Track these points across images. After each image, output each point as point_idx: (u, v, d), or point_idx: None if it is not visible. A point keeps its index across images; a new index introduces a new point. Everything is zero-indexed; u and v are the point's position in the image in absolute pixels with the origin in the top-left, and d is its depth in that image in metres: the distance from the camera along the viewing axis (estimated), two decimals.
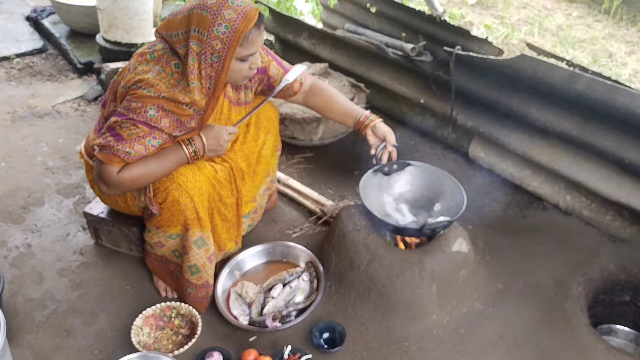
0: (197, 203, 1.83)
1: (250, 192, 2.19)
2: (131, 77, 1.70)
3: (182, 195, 1.80)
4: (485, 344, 1.93)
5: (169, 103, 1.68)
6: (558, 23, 4.69)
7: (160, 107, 1.67)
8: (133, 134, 1.68)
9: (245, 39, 1.66)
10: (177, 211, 1.82)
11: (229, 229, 2.12)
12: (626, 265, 2.17)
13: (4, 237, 2.36)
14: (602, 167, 2.27)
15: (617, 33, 4.49)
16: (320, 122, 2.81)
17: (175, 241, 1.93)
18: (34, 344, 1.93)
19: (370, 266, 2.00)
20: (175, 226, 1.87)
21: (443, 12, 2.93)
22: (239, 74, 1.75)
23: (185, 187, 1.80)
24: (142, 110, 1.66)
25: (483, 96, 2.57)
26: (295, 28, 3.46)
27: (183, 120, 1.73)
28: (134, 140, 1.69)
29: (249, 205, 2.22)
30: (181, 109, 1.70)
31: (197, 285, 1.99)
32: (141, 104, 1.66)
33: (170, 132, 1.73)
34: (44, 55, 3.96)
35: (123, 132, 1.68)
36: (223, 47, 1.64)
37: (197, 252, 1.92)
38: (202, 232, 1.90)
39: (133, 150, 1.69)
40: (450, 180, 2.16)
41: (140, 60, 1.73)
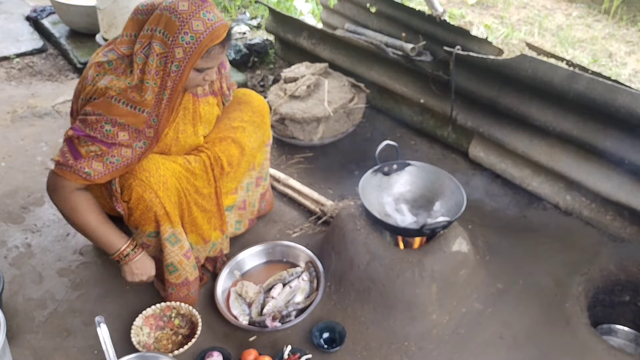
0: (162, 198, 1.80)
1: (231, 183, 2.15)
2: (89, 90, 1.71)
3: (146, 191, 1.77)
4: (485, 344, 1.93)
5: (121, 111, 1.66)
6: (558, 23, 4.69)
7: (114, 122, 1.66)
8: (91, 151, 1.68)
9: (207, 53, 1.66)
10: (145, 208, 1.80)
11: (210, 219, 2.08)
12: (626, 265, 2.17)
13: (4, 237, 2.36)
14: (602, 167, 2.27)
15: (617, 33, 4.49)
16: (320, 122, 2.81)
17: (156, 240, 1.92)
18: (34, 344, 1.93)
19: (370, 266, 2.00)
20: (149, 223, 1.85)
21: (443, 12, 2.93)
22: (192, 82, 1.75)
23: (148, 182, 1.77)
24: (98, 125, 1.66)
25: (483, 96, 2.57)
26: (295, 28, 3.46)
27: (140, 128, 1.71)
28: (92, 158, 1.69)
29: (229, 197, 2.18)
30: (134, 116, 1.68)
31: (176, 284, 1.98)
32: (95, 118, 1.65)
33: (130, 144, 1.71)
34: (43, 55, 3.96)
35: (81, 148, 1.68)
36: (184, 57, 1.64)
37: (171, 249, 1.90)
38: (173, 229, 1.87)
39: (92, 170, 1.69)
40: (450, 180, 2.16)
41: (98, 70, 1.72)
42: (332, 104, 2.81)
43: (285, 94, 2.90)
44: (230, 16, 4.50)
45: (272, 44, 3.83)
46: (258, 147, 2.21)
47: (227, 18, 4.45)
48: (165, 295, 2.04)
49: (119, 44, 1.74)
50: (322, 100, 2.83)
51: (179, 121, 1.88)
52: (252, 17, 4.45)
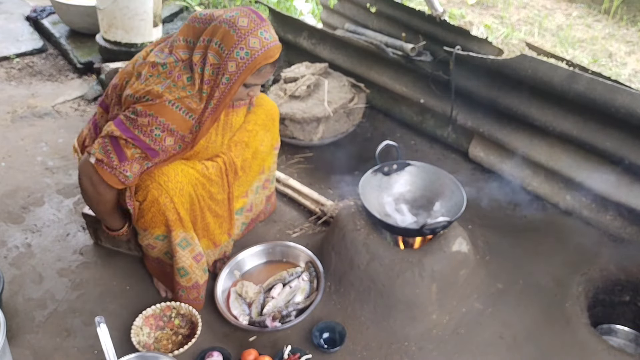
0: (177, 204, 1.81)
1: (242, 187, 2.17)
2: (141, 88, 1.69)
3: (162, 195, 1.78)
4: (485, 344, 1.93)
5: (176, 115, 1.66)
6: (558, 23, 4.69)
7: (165, 128, 1.66)
8: (136, 153, 1.68)
9: (258, 71, 1.68)
10: (158, 211, 1.81)
11: (222, 224, 2.11)
12: (626, 265, 2.17)
13: (4, 237, 2.36)
14: (602, 167, 2.27)
15: (617, 33, 4.49)
16: (320, 122, 2.81)
17: (163, 243, 1.92)
18: (34, 344, 1.93)
19: (370, 266, 2.00)
20: (159, 227, 1.86)
21: (443, 12, 2.93)
22: (237, 96, 1.78)
23: (165, 187, 1.78)
24: (148, 129, 1.65)
25: (483, 96, 2.57)
26: (295, 28, 3.46)
27: (185, 134, 1.72)
28: (135, 160, 1.69)
29: (240, 200, 2.20)
30: (185, 122, 1.69)
31: (187, 287, 1.98)
32: (147, 120, 1.64)
33: (172, 148, 1.72)
34: (44, 55, 3.96)
35: (127, 150, 1.68)
36: (236, 71, 1.65)
37: (182, 254, 1.91)
38: (186, 233, 1.88)
39: (132, 173, 1.70)
40: (450, 180, 2.16)
41: (152, 71, 1.71)
42: (332, 104, 2.81)
43: (285, 94, 2.90)
44: None
45: None
46: (268, 151, 2.23)
47: None
48: (174, 297, 2.04)
49: (177, 49, 1.73)
50: (322, 100, 2.83)
51: (212, 131, 1.89)
52: None
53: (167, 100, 1.65)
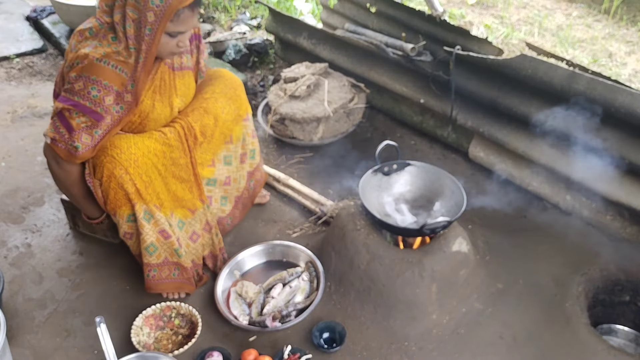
0: (133, 175, 1.84)
1: (205, 153, 2.15)
2: (73, 57, 1.75)
3: (116, 168, 1.82)
4: (485, 344, 1.93)
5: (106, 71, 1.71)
6: (558, 23, 4.68)
7: (100, 84, 1.71)
8: (82, 122, 1.74)
9: (176, 15, 1.72)
10: (117, 186, 1.84)
11: (191, 188, 2.09)
12: (626, 265, 2.17)
13: (4, 237, 2.36)
14: (602, 167, 2.27)
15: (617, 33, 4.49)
16: (320, 122, 2.81)
17: (136, 224, 1.94)
18: (34, 344, 1.93)
19: (370, 266, 2.00)
20: (125, 204, 1.89)
21: (443, 12, 2.93)
22: (166, 47, 1.80)
23: (119, 158, 1.82)
24: (85, 91, 1.71)
25: (483, 96, 2.57)
26: (295, 28, 3.46)
27: (120, 91, 1.76)
28: (82, 130, 1.75)
29: (206, 169, 2.18)
30: (118, 77, 1.73)
31: (157, 264, 1.99)
32: (82, 83, 1.70)
33: (113, 108, 1.76)
34: (43, 55, 3.96)
35: (73, 120, 1.74)
36: (155, 20, 1.70)
37: (148, 227, 1.93)
38: (146, 206, 1.91)
39: (80, 143, 1.76)
40: (450, 180, 2.16)
41: (79, 39, 1.78)
42: (332, 104, 2.81)
43: (285, 94, 2.90)
44: (230, 16, 4.50)
45: (272, 44, 3.83)
46: (234, 120, 2.20)
47: (227, 18, 4.45)
48: (146, 286, 2.05)
49: (99, 14, 1.79)
50: (322, 100, 2.83)
51: (156, 91, 1.91)
52: (252, 17, 4.45)
53: (94, 58, 1.70)
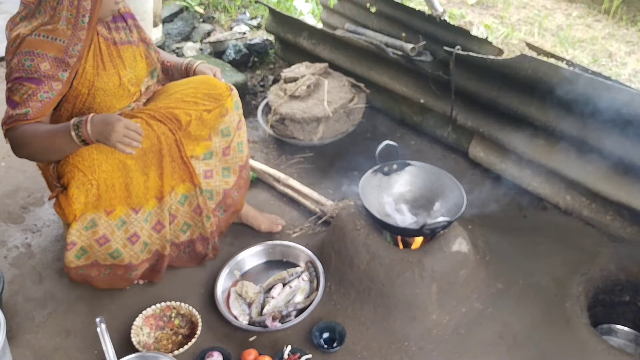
0: (91, 180, 1.80)
1: (201, 130, 2.06)
2: (8, 43, 1.78)
3: (77, 174, 1.78)
4: (485, 344, 1.93)
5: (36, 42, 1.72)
6: (558, 23, 4.68)
7: (32, 54, 1.71)
8: (23, 93, 1.72)
9: None
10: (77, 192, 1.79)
11: (173, 171, 2.02)
12: (626, 265, 2.17)
13: (4, 237, 2.36)
14: (602, 167, 2.27)
15: (617, 33, 4.49)
16: (320, 122, 2.81)
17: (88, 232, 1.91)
18: (34, 344, 1.93)
19: (370, 266, 2.00)
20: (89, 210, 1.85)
21: (443, 12, 2.93)
22: (107, 5, 1.81)
23: (80, 166, 1.79)
24: (20, 65, 1.71)
25: (483, 96, 2.57)
26: (295, 28, 3.46)
27: (60, 57, 1.74)
28: (26, 100, 1.73)
29: (202, 143, 2.10)
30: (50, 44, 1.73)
31: (85, 265, 2.00)
32: (17, 59, 1.71)
33: (55, 73, 1.74)
34: None
35: (15, 96, 1.73)
36: None
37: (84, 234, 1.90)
38: (95, 214, 1.87)
39: (28, 108, 1.73)
40: (450, 180, 2.16)
41: (11, 26, 1.82)
42: (332, 104, 2.81)
43: (285, 94, 2.90)
44: (230, 16, 4.50)
45: (272, 44, 3.83)
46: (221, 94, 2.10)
47: (227, 18, 4.45)
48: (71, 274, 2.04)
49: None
50: (322, 100, 2.83)
51: (97, 59, 1.88)
52: (252, 17, 4.45)
53: (24, 35, 1.73)
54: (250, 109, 3.30)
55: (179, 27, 4.23)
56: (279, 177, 2.65)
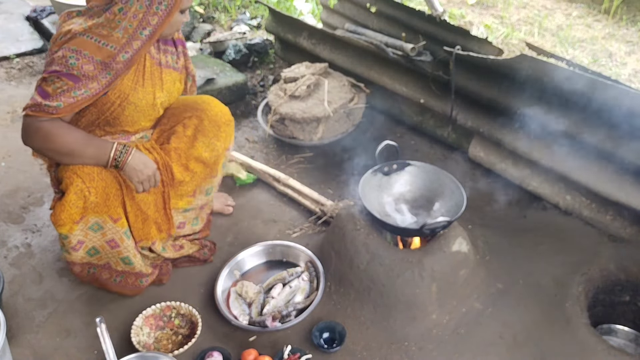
0: (90, 187, 1.80)
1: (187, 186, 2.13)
2: (56, 34, 1.77)
3: (75, 180, 1.79)
4: (485, 344, 1.93)
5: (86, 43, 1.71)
6: (558, 23, 4.69)
7: (79, 53, 1.70)
8: (58, 87, 1.71)
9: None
10: (75, 197, 1.80)
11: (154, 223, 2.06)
12: (626, 265, 2.17)
13: (4, 237, 2.36)
14: (602, 167, 2.27)
15: (617, 33, 4.49)
16: (320, 122, 2.81)
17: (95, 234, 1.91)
18: (34, 344, 1.93)
19: (370, 266, 2.00)
20: (89, 214, 1.85)
21: (443, 12, 2.93)
22: (175, 26, 1.87)
23: (81, 172, 1.80)
24: (63, 60, 1.69)
25: (483, 96, 2.57)
26: (295, 28, 3.46)
27: (107, 62, 1.74)
28: (59, 94, 1.71)
29: (185, 199, 2.15)
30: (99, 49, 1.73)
31: (98, 265, 2.01)
32: (62, 53, 1.70)
33: (96, 75, 1.73)
34: (43, 55, 3.96)
35: (48, 87, 1.72)
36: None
37: (93, 235, 1.90)
38: (99, 217, 1.87)
39: (60, 102, 1.71)
40: (450, 180, 2.16)
41: (65, 19, 1.80)
42: (332, 104, 2.81)
43: (285, 94, 2.90)
44: (230, 16, 4.50)
45: (272, 44, 3.83)
46: (218, 157, 2.16)
47: (227, 18, 4.45)
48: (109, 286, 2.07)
49: (89, 1, 1.82)
50: (322, 100, 2.83)
51: (139, 75, 1.90)
52: (252, 17, 4.45)
53: (76, 32, 1.72)
54: (250, 109, 3.30)
55: None
56: (279, 177, 2.65)
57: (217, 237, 2.37)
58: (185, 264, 2.23)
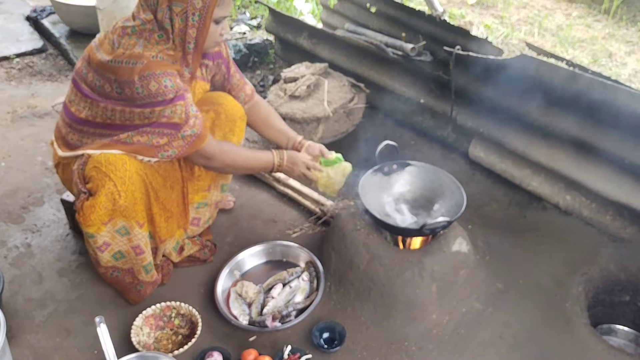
0: (121, 191, 1.80)
1: (203, 181, 2.17)
2: (120, 53, 1.74)
3: (107, 183, 1.79)
4: (485, 344, 1.93)
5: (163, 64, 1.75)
6: (558, 23, 4.69)
7: (166, 74, 1.75)
8: (178, 112, 1.78)
9: (221, 0, 1.78)
10: (105, 199, 1.80)
11: (170, 219, 2.08)
12: (626, 265, 2.17)
13: (4, 237, 2.36)
14: (602, 167, 2.27)
15: (617, 33, 4.49)
16: (320, 122, 2.81)
17: (122, 237, 1.91)
18: (34, 344, 1.93)
19: (370, 266, 2.00)
20: (108, 219, 1.85)
21: (443, 12, 2.93)
22: (213, 37, 1.85)
23: (114, 175, 1.80)
24: (162, 87, 1.73)
25: (483, 96, 2.57)
26: (295, 28, 3.46)
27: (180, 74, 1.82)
28: (186, 119, 1.80)
29: (200, 193, 2.19)
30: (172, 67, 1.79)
31: (122, 269, 2.00)
32: (154, 82, 1.72)
33: (183, 85, 1.80)
34: (43, 55, 3.96)
35: (173, 118, 1.79)
36: (204, 6, 1.74)
37: (120, 239, 1.91)
38: (127, 222, 1.87)
39: (195, 128, 1.82)
40: (450, 180, 2.16)
41: (121, 34, 1.78)
42: (332, 104, 2.81)
43: (285, 94, 2.90)
44: (230, 16, 4.50)
45: (272, 44, 3.83)
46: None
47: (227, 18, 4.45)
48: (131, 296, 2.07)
49: (138, 12, 1.80)
50: (322, 100, 2.83)
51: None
52: (252, 17, 4.45)
53: (150, 55, 1.74)
54: None
55: None
56: (279, 177, 2.65)
57: (217, 237, 2.37)
58: (186, 264, 2.23)
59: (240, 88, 2.21)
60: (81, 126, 1.86)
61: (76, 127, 1.87)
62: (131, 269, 2.00)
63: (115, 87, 1.75)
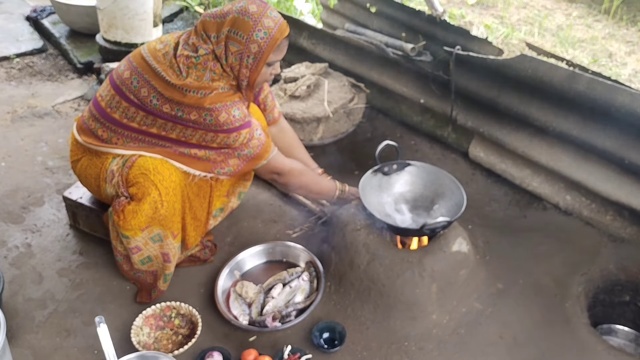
0: (165, 202, 1.86)
1: (223, 186, 2.23)
2: (189, 82, 1.79)
3: (153, 191, 1.84)
4: (485, 344, 1.93)
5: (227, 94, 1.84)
6: (558, 23, 4.69)
7: (234, 103, 1.83)
8: (240, 139, 1.88)
9: (277, 46, 1.87)
10: (148, 207, 1.85)
11: (197, 227, 2.14)
12: (626, 265, 2.17)
13: (4, 237, 2.36)
14: (602, 167, 2.27)
15: (617, 33, 4.49)
16: (320, 122, 2.81)
17: (154, 244, 1.95)
18: (34, 344, 1.93)
19: (370, 266, 2.00)
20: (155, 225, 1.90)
21: (443, 12, 2.93)
22: (263, 77, 1.92)
23: (160, 185, 1.85)
24: (230, 117, 1.82)
25: (483, 96, 2.57)
26: (295, 28, 3.46)
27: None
28: (246, 141, 1.89)
29: (221, 199, 2.26)
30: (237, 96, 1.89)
31: (146, 271, 2.05)
32: (224, 112, 1.81)
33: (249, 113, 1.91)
34: (43, 55, 3.96)
35: (234, 144, 1.88)
36: (259, 51, 1.82)
37: (151, 245, 1.95)
38: (162, 231, 1.92)
39: (252, 148, 1.92)
40: (450, 180, 2.16)
41: (187, 63, 1.82)
42: (332, 104, 2.81)
43: (285, 94, 2.91)
44: None
45: None
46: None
47: None
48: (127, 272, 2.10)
49: (198, 43, 1.84)
50: (322, 100, 2.83)
51: None
52: None
53: (218, 87, 1.82)
54: None
55: (179, 27, 4.23)
56: None
57: (217, 237, 2.37)
58: (186, 264, 2.23)
59: (270, 110, 2.27)
60: (115, 127, 1.91)
61: (110, 126, 1.91)
62: (155, 271, 2.04)
63: (177, 110, 1.81)
